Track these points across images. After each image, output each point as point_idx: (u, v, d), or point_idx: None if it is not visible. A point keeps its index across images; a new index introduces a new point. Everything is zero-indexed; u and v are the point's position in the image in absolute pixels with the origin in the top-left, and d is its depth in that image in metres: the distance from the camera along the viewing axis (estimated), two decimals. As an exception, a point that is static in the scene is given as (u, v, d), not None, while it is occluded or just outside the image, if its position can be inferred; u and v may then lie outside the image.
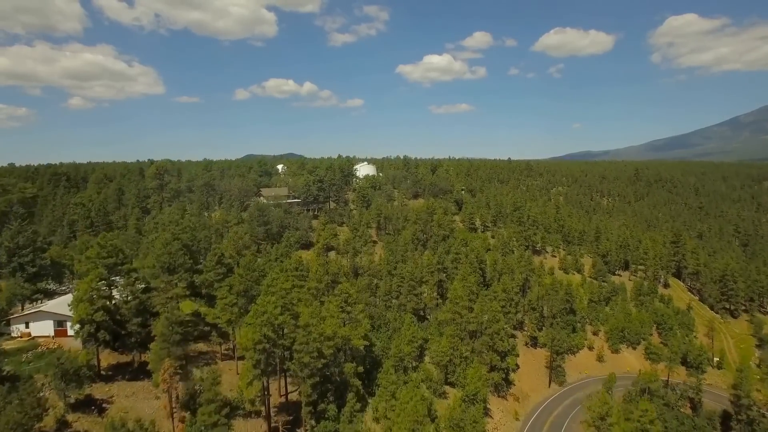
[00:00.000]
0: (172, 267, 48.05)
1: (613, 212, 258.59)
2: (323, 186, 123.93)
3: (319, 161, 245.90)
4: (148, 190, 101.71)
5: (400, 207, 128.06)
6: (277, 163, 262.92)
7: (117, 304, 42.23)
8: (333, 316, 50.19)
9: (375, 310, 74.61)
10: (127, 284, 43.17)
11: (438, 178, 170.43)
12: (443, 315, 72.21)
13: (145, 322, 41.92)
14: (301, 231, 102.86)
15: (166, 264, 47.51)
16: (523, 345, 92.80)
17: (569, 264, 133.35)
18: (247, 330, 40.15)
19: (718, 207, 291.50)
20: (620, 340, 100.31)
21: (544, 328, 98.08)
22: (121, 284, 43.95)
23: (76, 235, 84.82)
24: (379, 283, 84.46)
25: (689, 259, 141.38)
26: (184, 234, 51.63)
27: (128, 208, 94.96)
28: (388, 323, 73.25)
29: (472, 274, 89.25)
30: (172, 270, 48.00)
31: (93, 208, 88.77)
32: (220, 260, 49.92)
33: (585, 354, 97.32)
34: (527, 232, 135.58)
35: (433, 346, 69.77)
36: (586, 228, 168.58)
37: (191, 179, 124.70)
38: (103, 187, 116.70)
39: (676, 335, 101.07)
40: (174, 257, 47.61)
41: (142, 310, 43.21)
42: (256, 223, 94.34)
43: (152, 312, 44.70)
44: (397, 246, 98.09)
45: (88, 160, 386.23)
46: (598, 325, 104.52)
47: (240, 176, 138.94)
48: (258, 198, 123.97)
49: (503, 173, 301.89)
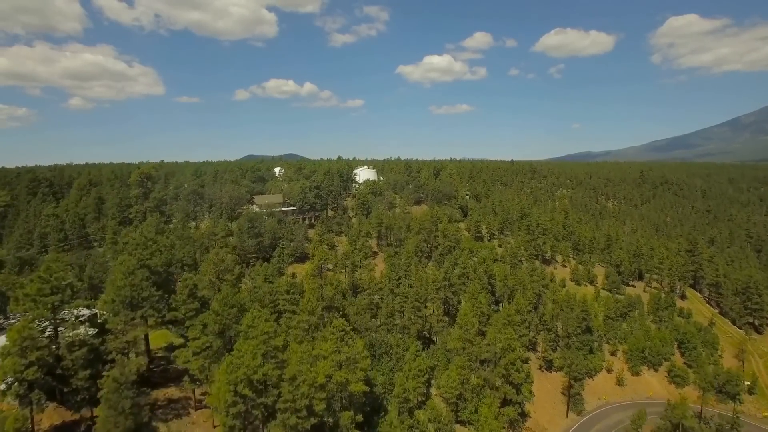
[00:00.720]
0: (135, 302, 40.15)
1: (620, 215, 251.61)
2: (320, 193, 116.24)
3: (318, 164, 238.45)
4: (131, 199, 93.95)
5: (402, 215, 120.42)
6: (275, 165, 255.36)
7: (61, 353, 34.21)
8: (327, 357, 42.56)
9: (376, 336, 67.05)
10: (71, 326, 35.12)
11: (441, 182, 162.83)
12: (452, 343, 64.64)
13: (97, 374, 34.01)
14: (296, 242, 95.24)
15: (127, 298, 39.63)
16: (537, 368, 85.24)
17: (581, 275, 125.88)
18: (220, 387, 32.58)
19: (726, 210, 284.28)
20: (641, 361, 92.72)
21: (559, 348, 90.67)
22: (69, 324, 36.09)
23: (48, 250, 77.32)
24: (381, 303, 76.91)
25: (707, 269, 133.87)
26: (153, 259, 43.63)
27: (108, 219, 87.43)
28: (391, 350, 65.66)
29: (482, 292, 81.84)
30: (135, 305, 40.13)
31: (67, 220, 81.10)
32: (193, 293, 42.02)
33: (603, 377, 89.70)
34: (536, 240, 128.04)
35: (442, 379, 62.23)
36: (596, 235, 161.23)
37: (179, 186, 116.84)
38: (85, 194, 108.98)
39: (701, 355, 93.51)
40: (137, 289, 39.71)
41: (93, 360, 35.34)
42: (246, 236, 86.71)
43: (106, 360, 36.93)
44: (400, 260, 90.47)
45: (86, 161, 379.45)
46: (616, 345, 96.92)
47: (233, 182, 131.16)
48: (250, 206, 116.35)
49: (506, 175, 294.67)
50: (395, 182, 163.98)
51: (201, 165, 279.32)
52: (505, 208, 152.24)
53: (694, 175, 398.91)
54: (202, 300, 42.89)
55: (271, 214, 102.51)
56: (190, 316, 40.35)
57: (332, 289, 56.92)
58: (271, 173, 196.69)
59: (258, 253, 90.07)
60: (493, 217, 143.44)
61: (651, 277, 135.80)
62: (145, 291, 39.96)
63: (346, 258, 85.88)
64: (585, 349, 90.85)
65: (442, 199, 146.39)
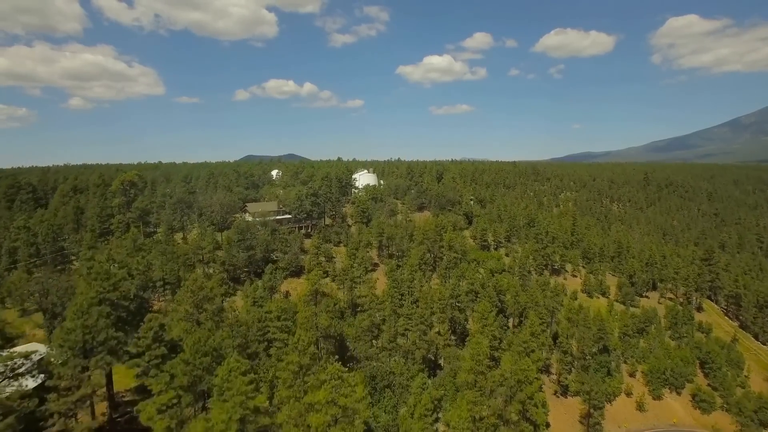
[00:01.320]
0: (89, 346, 33.05)
1: (625, 219, 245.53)
2: (318, 200, 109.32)
3: (317, 166, 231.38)
4: (112, 208, 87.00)
5: (404, 223, 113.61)
6: (274, 167, 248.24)
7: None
8: (320, 411, 35.78)
9: (377, 366, 60.30)
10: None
11: (445, 187, 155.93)
12: (463, 376, 57.84)
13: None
14: (291, 255, 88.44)
15: (78, 343, 32.47)
16: (552, 394, 78.59)
17: (593, 286, 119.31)
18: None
19: (734, 214, 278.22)
20: (662, 383, 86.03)
21: (573, 369, 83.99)
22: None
23: (18, 267, 70.37)
24: (382, 326, 70.19)
25: (724, 279, 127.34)
26: (118, 290, 36.47)
27: (87, 230, 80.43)
28: (393, 383, 58.94)
29: (492, 311, 75.15)
30: (90, 350, 33.03)
31: (40, 233, 74.12)
32: (158, 336, 34.88)
33: (622, 402, 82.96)
34: (546, 250, 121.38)
35: (452, 416, 55.36)
36: (606, 242, 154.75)
37: (166, 193, 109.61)
38: (66, 202, 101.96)
39: (727, 377, 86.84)
40: (92, 332, 32.62)
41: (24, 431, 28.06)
42: (236, 249, 79.84)
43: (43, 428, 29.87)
44: (403, 274, 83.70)
45: (84, 162, 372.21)
46: (635, 364, 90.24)
47: (225, 187, 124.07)
48: (243, 214, 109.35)
49: (509, 177, 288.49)
50: (396, 187, 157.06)
51: (195, 167, 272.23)
52: (511, 214, 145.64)
53: (698, 176, 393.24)
54: (170, 343, 35.86)
55: (264, 223, 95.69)
56: (156, 364, 33.50)
57: (328, 318, 50.17)
58: (268, 177, 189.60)
59: (249, 267, 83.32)
60: (499, 224, 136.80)
61: (665, 287, 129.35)
62: (101, 333, 33.00)
63: (344, 273, 79.09)
64: (603, 371, 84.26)
65: (445, 205, 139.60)
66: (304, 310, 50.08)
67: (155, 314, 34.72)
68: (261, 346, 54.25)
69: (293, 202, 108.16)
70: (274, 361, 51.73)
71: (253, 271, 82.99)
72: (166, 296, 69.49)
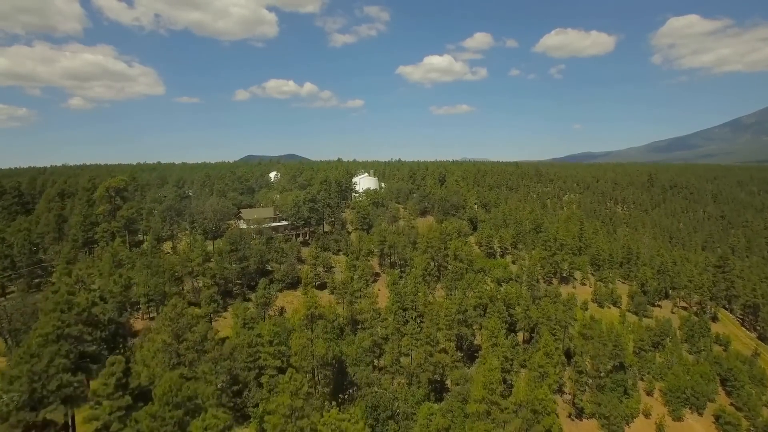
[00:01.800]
0: (37, 397, 27.63)
1: (631, 221, 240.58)
2: (316, 206, 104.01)
3: (316, 168, 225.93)
4: (97, 216, 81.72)
5: (407, 229, 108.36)
6: (273, 167, 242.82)
7: None
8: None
9: (379, 393, 55.06)
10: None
11: (448, 191, 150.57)
12: (473, 407, 52.66)
13: None
14: (287, 265, 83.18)
15: (24, 394, 26.89)
16: (566, 416, 73.36)
17: (603, 295, 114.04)
18: None
19: (741, 216, 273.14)
20: (682, 402, 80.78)
21: (588, 388, 78.75)
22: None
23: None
24: (384, 345, 65.00)
25: (740, 287, 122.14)
26: (76, 326, 30.79)
27: (68, 240, 75.18)
28: (397, 412, 53.73)
29: (502, 330, 70.05)
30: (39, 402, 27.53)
31: (16, 243, 68.81)
32: (122, 383, 29.14)
33: (641, 423, 77.65)
34: (554, 257, 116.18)
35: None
36: (614, 247, 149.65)
37: (156, 199, 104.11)
38: (51, 208, 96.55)
39: (752, 396, 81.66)
40: (42, 379, 27.14)
41: None
42: (228, 260, 74.58)
43: None
44: (406, 286, 78.50)
45: (83, 162, 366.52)
46: (651, 381, 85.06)
47: (219, 192, 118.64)
48: (237, 221, 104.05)
49: (512, 179, 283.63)
50: (398, 191, 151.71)
51: (192, 169, 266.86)
52: (517, 219, 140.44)
53: (701, 177, 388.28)
54: (137, 391, 30.35)
55: (259, 231, 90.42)
56: (119, 417, 28.07)
57: (325, 345, 44.96)
58: (266, 179, 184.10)
59: (242, 279, 78.05)
60: (505, 229, 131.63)
61: (677, 295, 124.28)
62: (53, 380, 27.61)
63: (344, 287, 73.88)
64: (619, 390, 79.02)
65: (449, 209, 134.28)
66: (298, 337, 44.83)
67: (117, 357, 29.37)
68: (251, 374, 49.05)
69: (290, 208, 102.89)
70: (265, 392, 46.56)
71: (246, 284, 77.75)
72: (151, 313, 64.32)
